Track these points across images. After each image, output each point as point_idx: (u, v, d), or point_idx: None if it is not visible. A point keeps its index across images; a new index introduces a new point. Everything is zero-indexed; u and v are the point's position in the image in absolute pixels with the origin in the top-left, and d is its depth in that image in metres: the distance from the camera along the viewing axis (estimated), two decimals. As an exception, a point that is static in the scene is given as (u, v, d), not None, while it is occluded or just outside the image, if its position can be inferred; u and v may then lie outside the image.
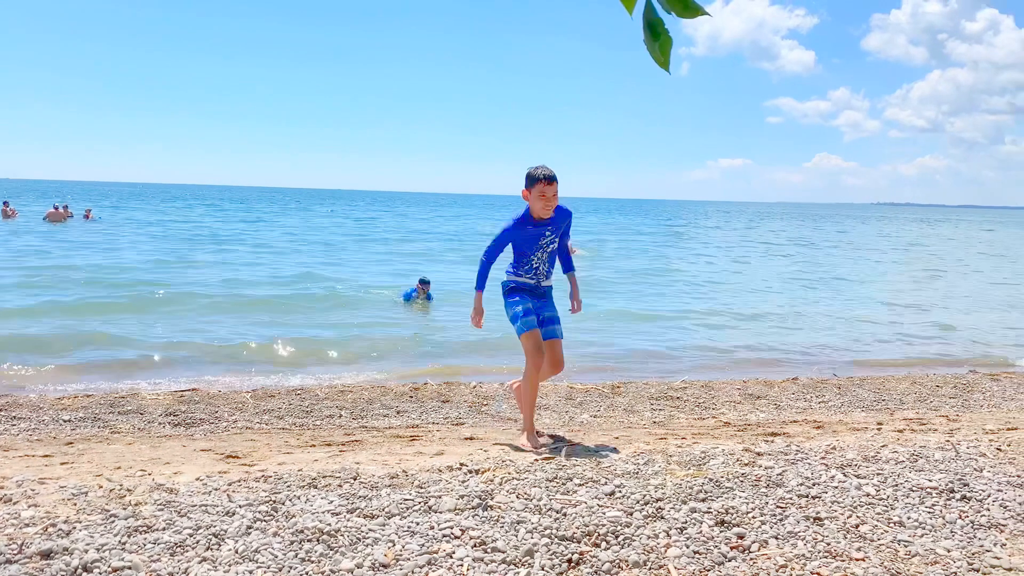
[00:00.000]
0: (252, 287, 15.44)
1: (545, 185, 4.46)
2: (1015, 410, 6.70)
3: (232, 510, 3.11)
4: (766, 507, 3.22)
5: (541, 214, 4.53)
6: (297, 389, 7.18)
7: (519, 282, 4.72)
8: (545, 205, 4.49)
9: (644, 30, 1.68)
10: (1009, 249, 39.84)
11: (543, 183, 4.46)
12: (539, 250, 4.64)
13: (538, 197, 4.48)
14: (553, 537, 2.89)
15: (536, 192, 4.48)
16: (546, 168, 4.50)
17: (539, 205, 4.49)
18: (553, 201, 4.50)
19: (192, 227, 36.14)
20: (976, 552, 2.87)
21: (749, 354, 10.23)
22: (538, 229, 4.59)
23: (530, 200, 4.52)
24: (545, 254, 4.67)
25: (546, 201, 4.48)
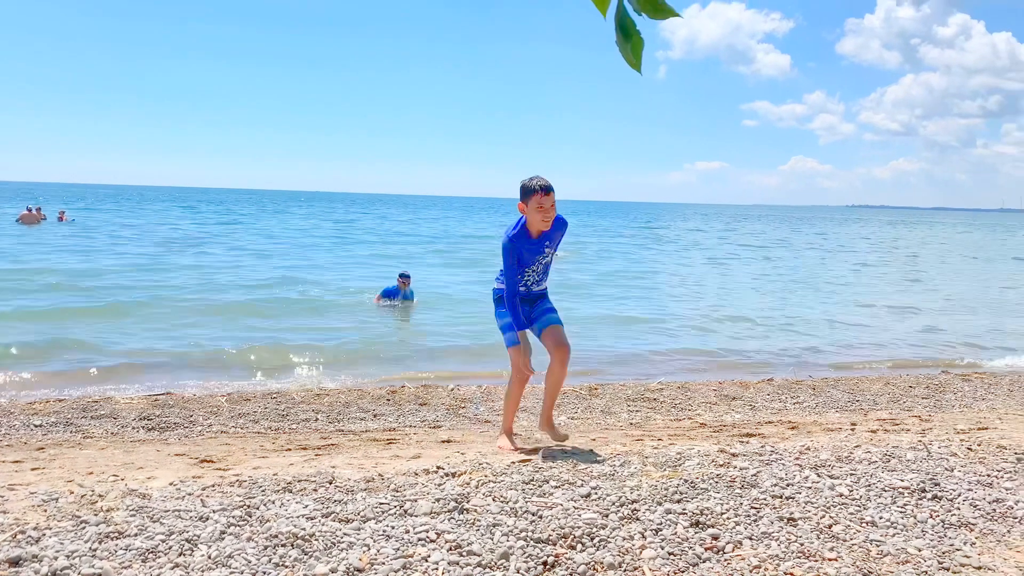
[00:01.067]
0: (229, 291, 15.32)
1: (542, 196, 4.29)
2: (986, 410, 6.79)
3: (206, 515, 3.09)
4: (740, 508, 3.24)
5: (540, 227, 4.36)
6: (273, 393, 7.13)
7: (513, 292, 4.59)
8: (544, 217, 4.32)
9: (616, 31, 1.69)
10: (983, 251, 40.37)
11: (540, 194, 4.29)
12: (535, 264, 4.50)
13: (536, 209, 4.30)
14: (529, 540, 2.89)
15: (533, 204, 4.30)
16: (541, 179, 4.33)
17: (538, 218, 4.32)
18: (551, 213, 4.34)
19: (168, 229, 35.82)
20: (946, 551, 2.90)
21: (726, 355, 10.29)
22: (537, 244, 4.44)
23: (527, 213, 4.35)
24: (540, 266, 4.55)
25: (544, 213, 4.31)
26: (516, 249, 4.40)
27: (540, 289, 4.62)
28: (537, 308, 4.60)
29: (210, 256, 23.03)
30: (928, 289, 20.26)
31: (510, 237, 4.39)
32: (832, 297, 17.83)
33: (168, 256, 22.34)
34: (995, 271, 27.08)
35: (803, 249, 37.82)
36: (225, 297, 14.36)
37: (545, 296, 4.66)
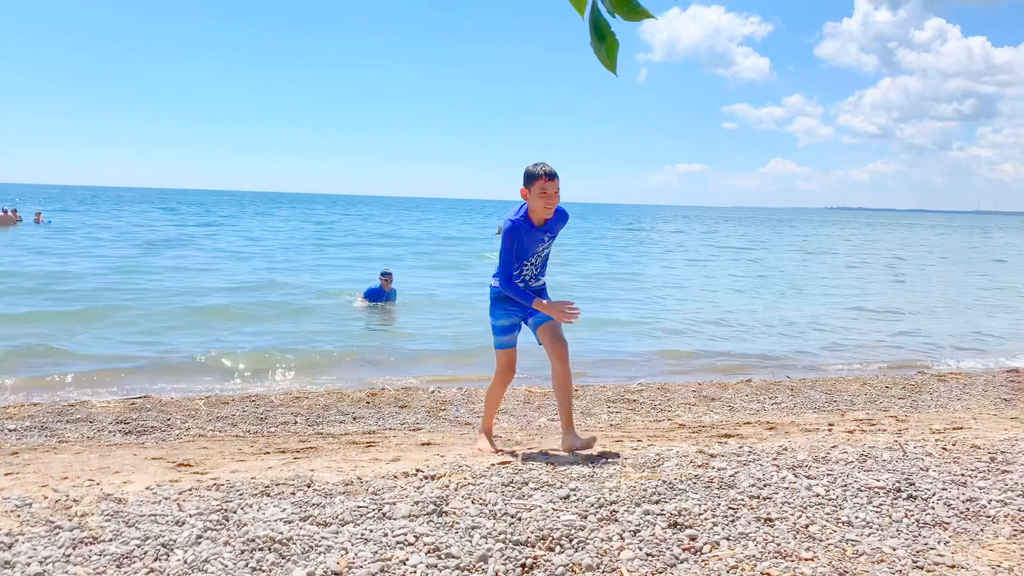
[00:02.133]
0: (208, 294, 15.20)
1: (546, 182, 4.19)
2: (961, 410, 6.87)
3: (182, 519, 3.06)
4: (718, 508, 3.25)
5: (542, 214, 4.27)
6: (252, 396, 7.09)
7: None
8: (547, 204, 4.22)
9: (590, 33, 1.70)
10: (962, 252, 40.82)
11: (544, 179, 4.19)
12: (534, 256, 4.38)
13: (539, 195, 4.21)
14: (507, 542, 2.89)
15: (536, 190, 4.21)
16: (546, 164, 4.24)
17: (540, 204, 4.22)
18: (555, 200, 4.25)
19: (147, 231, 35.52)
20: (921, 550, 2.93)
21: (706, 357, 10.33)
22: (537, 233, 4.32)
23: (529, 200, 4.25)
24: (539, 259, 4.43)
25: (547, 199, 4.21)
26: (517, 235, 4.28)
27: (538, 285, 4.51)
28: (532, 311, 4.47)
29: (189, 258, 22.86)
30: (908, 290, 20.46)
31: (513, 221, 4.27)
32: (812, 298, 17.96)
33: (146, 258, 22.16)
34: (974, 272, 27.38)
35: (783, 251, 38.09)
36: (204, 300, 14.26)
37: (543, 293, 4.54)
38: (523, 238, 4.29)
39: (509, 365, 4.61)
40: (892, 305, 16.64)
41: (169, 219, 49.61)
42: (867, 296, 18.55)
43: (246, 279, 17.84)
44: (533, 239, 4.32)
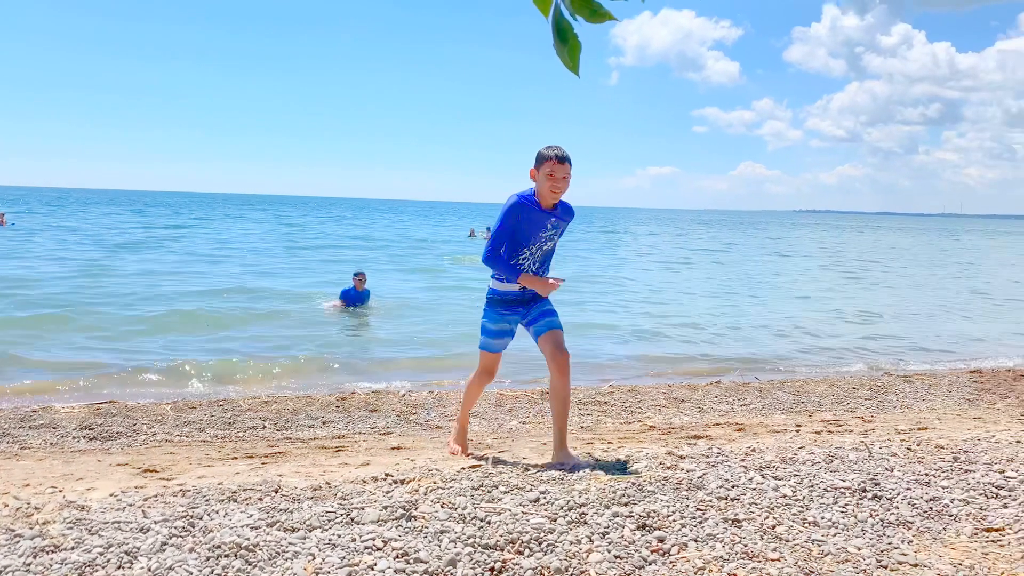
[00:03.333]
0: (176, 298, 15.00)
1: (555, 164, 4.04)
2: (926, 410, 6.97)
3: (147, 526, 3.02)
4: (686, 510, 3.27)
5: (548, 198, 4.10)
6: (220, 400, 7.01)
7: (503, 292, 4.26)
8: (553, 187, 4.06)
9: (553, 34, 1.71)
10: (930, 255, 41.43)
11: (553, 161, 4.04)
12: (536, 243, 4.17)
13: (546, 176, 4.05)
14: (476, 546, 2.89)
15: (544, 171, 4.06)
16: (559, 148, 4.08)
17: (547, 187, 4.06)
18: (562, 185, 4.08)
19: (114, 234, 35.01)
20: (885, 549, 2.97)
21: (677, 359, 10.39)
22: (542, 217, 4.13)
23: (537, 181, 4.11)
24: (540, 252, 4.22)
25: (554, 183, 4.05)
26: (520, 212, 4.10)
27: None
28: (536, 308, 4.28)
29: (157, 261, 22.56)
30: (877, 292, 20.71)
31: (520, 195, 4.13)
32: (783, 301, 18.14)
33: (113, 262, 21.82)
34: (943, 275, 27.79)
35: (755, 253, 38.44)
36: (173, 304, 14.07)
37: (543, 299, 4.34)
38: (525, 217, 4.11)
39: (488, 368, 4.52)
40: (862, 307, 16.83)
41: (137, 221, 48.96)
42: (837, 298, 18.77)
43: (216, 283, 17.64)
44: (536, 222, 4.13)
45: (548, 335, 4.20)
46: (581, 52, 1.75)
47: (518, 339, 4.53)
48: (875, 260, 35.35)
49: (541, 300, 4.29)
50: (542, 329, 4.22)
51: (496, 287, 4.27)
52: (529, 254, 4.19)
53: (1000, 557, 2.93)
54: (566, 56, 1.73)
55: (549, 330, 4.21)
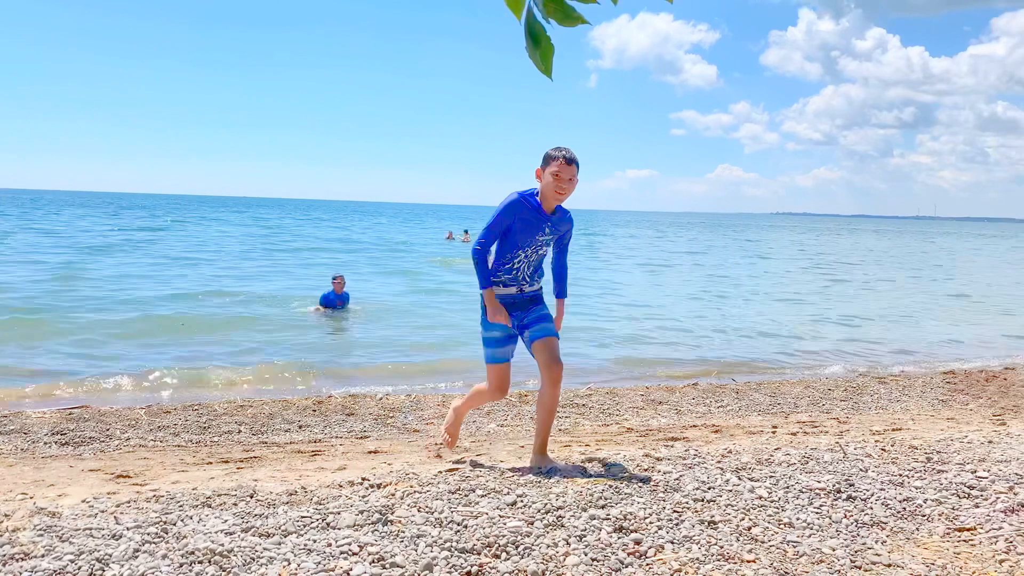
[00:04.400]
0: (153, 302, 14.82)
1: (563, 165, 3.91)
2: (900, 411, 7.04)
3: (119, 533, 2.99)
4: (663, 512, 3.28)
5: (552, 200, 3.97)
6: (194, 405, 6.93)
7: (500, 296, 4.11)
8: (558, 187, 3.93)
9: (526, 37, 1.71)
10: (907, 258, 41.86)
11: (561, 162, 3.91)
12: (531, 246, 4.04)
13: (552, 175, 3.92)
14: (453, 550, 2.88)
15: (550, 171, 3.93)
16: (568, 150, 3.96)
17: (551, 187, 3.93)
18: (567, 187, 3.95)
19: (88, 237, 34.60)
20: (859, 550, 2.99)
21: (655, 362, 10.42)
22: (540, 220, 4.01)
23: (542, 181, 3.98)
24: (535, 255, 4.10)
25: (559, 183, 3.92)
26: (517, 211, 3.97)
27: (532, 290, 4.17)
28: (531, 313, 4.13)
29: (132, 265, 22.32)
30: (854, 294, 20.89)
31: (520, 193, 4.01)
32: (761, 303, 18.26)
33: (87, 265, 21.56)
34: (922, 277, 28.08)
35: (734, 256, 38.67)
36: (148, 308, 13.91)
37: (540, 300, 4.21)
38: (521, 217, 3.98)
39: (501, 384, 4.25)
40: (841, 309, 16.99)
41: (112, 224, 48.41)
42: (816, 300, 18.92)
43: (192, 286, 17.47)
44: (533, 224, 4.00)
45: (543, 343, 4.07)
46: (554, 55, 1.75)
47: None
48: (853, 263, 35.69)
49: (538, 304, 4.17)
50: (537, 335, 4.08)
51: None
52: (524, 256, 4.07)
53: (971, 556, 2.96)
54: (538, 59, 1.73)
55: (545, 337, 4.07)
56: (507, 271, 4.07)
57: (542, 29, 1.71)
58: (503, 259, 4.05)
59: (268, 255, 28.22)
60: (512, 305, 4.11)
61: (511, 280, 4.09)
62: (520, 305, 4.13)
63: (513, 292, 4.11)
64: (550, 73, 1.77)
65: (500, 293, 4.10)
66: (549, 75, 1.77)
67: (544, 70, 1.76)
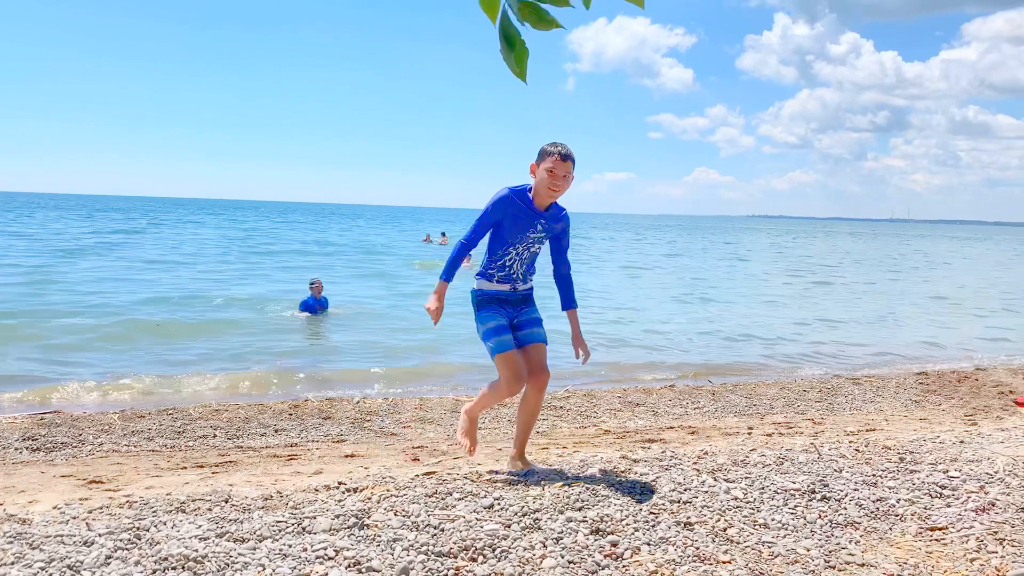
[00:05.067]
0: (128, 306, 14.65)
1: (558, 161, 3.81)
2: (874, 412, 7.12)
3: (91, 539, 2.95)
4: (639, 514, 3.29)
5: (545, 197, 3.87)
6: (169, 409, 6.87)
7: (491, 291, 4.00)
8: (552, 183, 3.82)
9: (500, 40, 1.71)
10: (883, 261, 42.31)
11: (556, 158, 3.81)
12: (523, 242, 3.93)
13: (546, 171, 3.82)
14: (429, 554, 2.87)
15: (545, 167, 3.82)
16: (564, 146, 3.85)
17: (545, 184, 3.82)
18: (562, 184, 3.85)
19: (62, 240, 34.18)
20: (833, 550, 3.02)
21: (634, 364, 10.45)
22: (531, 217, 3.90)
23: (536, 177, 3.88)
24: (528, 252, 3.98)
25: (554, 180, 3.82)
26: (507, 208, 3.87)
27: (525, 289, 4.07)
28: (523, 315, 4.04)
29: (107, 268, 22.06)
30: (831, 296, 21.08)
31: (511, 189, 3.90)
32: (739, 305, 18.38)
33: (61, 268, 21.29)
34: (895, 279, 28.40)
35: (712, 258, 38.90)
36: (123, 312, 13.76)
37: (531, 302, 4.12)
38: (511, 214, 3.88)
39: (516, 371, 3.90)
40: (818, 311, 17.14)
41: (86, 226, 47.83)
42: (794, 302, 19.07)
43: (167, 290, 17.31)
44: (524, 221, 3.89)
45: (533, 348, 3.99)
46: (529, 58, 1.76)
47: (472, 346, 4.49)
48: (830, 265, 36.02)
49: (530, 305, 4.09)
50: (527, 340, 3.99)
51: (483, 287, 4.02)
52: (516, 254, 3.95)
53: (943, 555, 3.00)
54: (513, 62, 1.73)
55: (534, 342, 4.00)
56: (499, 268, 3.97)
57: (517, 33, 1.72)
58: (494, 256, 3.95)
59: (245, 258, 28.02)
60: (504, 302, 4.02)
61: (504, 277, 3.98)
62: (513, 303, 4.04)
63: (507, 289, 4.00)
64: (524, 76, 1.77)
65: (493, 289, 4.00)
66: (523, 78, 1.78)
67: (519, 73, 1.77)
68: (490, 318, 3.94)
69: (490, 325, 3.93)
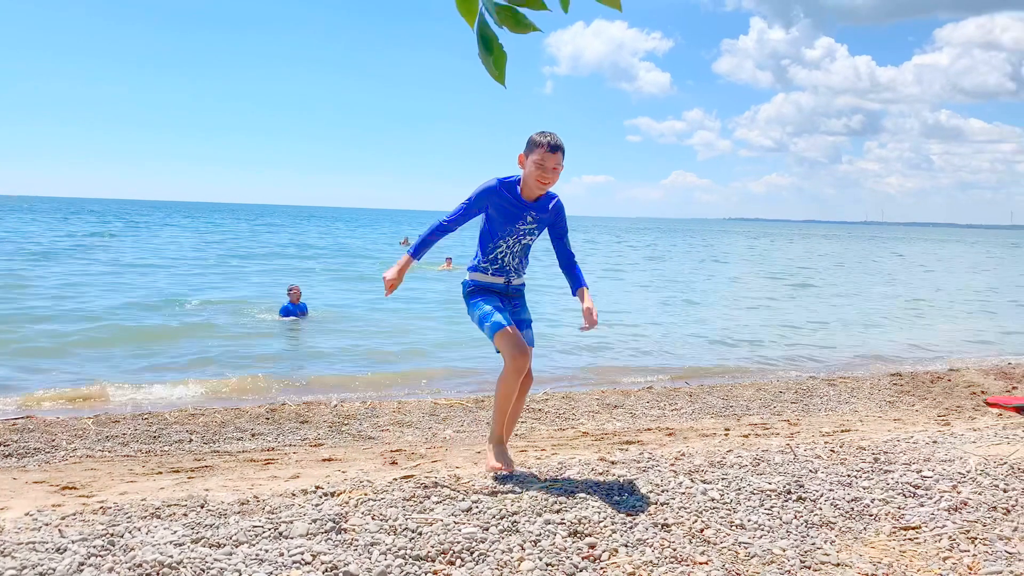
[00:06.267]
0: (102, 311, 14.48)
1: (546, 153, 3.71)
2: (848, 413, 7.18)
3: (63, 546, 2.91)
4: (617, 516, 3.30)
5: (533, 187, 3.78)
6: (144, 414, 6.80)
7: (484, 283, 3.93)
8: (541, 176, 3.74)
9: (479, 44, 1.72)
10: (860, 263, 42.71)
11: (544, 150, 3.71)
12: (513, 235, 3.84)
13: (535, 164, 3.73)
14: (407, 557, 2.86)
15: (534, 159, 3.73)
16: (554, 136, 3.75)
17: (534, 177, 3.74)
18: (551, 176, 3.76)
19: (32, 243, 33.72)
20: (808, 550, 3.05)
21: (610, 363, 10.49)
22: (520, 208, 3.82)
23: (525, 167, 3.79)
24: (519, 245, 3.89)
25: (543, 173, 3.73)
26: (492, 198, 3.79)
27: (519, 283, 4.01)
28: (514, 315, 3.94)
29: (82, 273, 21.78)
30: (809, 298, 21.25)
31: (500, 180, 3.82)
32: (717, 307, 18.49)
33: (31, 272, 20.98)
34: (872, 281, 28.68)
35: (690, 261, 39.10)
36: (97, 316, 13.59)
37: (523, 301, 4.05)
38: (499, 206, 3.80)
39: (517, 345, 3.75)
40: (795, 313, 17.28)
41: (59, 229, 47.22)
42: (772, 305, 19.21)
43: (143, 294, 17.13)
44: (512, 212, 3.81)
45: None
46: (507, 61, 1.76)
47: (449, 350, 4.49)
48: (807, 267, 36.32)
49: (521, 304, 4.03)
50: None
51: (477, 278, 3.94)
52: (507, 247, 3.87)
53: (916, 555, 3.03)
54: (491, 66, 1.74)
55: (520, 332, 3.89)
56: (492, 262, 3.89)
57: (495, 36, 1.72)
58: (486, 250, 3.88)
59: (223, 261, 27.80)
60: (500, 293, 3.94)
61: (498, 271, 3.91)
62: (507, 296, 3.97)
63: (501, 282, 3.93)
64: (503, 80, 1.78)
65: (488, 282, 3.92)
66: (502, 82, 1.79)
67: (497, 77, 1.78)
68: (484, 302, 3.85)
69: (485, 309, 3.82)
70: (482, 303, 3.85)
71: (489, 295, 3.90)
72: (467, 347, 10.86)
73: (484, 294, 3.91)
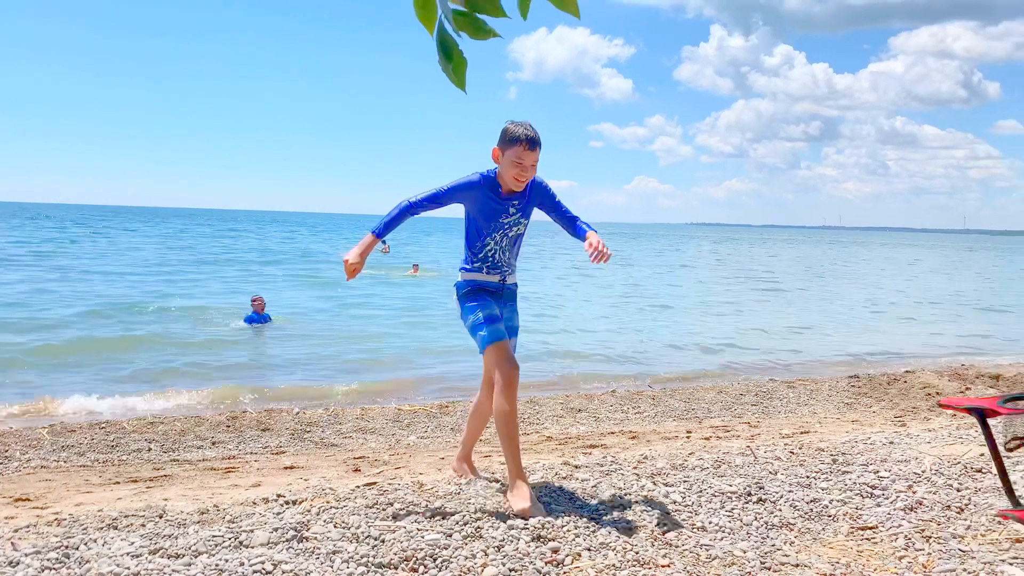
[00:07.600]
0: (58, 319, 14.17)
1: (524, 150, 3.52)
2: (808, 414, 7.29)
3: (16, 560, 2.85)
4: (580, 520, 3.31)
5: (511, 185, 3.62)
6: (101, 423, 6.67)
7: (478, 282, 3.75)
8: (518, 175, 3.57)
9: (438, 51, 1.72)
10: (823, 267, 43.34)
11: (523, 147, 3.52)
12: (498, 230, 3.69)
13: (511, 163, 3.54)
14: (369, 565, 2.84)
15: (511, 155, 3.54)
16: (529, 128, 3.55)
17: (511, 173, 3.57)
18: (530, 173, 3.60)
19: (-13, 248, 32.94)
20: (768, 551, 3.08)
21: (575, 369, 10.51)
22: (501, 202, 3.66)
23: (501, 164, 3.61)
24: (507, 239, 3.74)
25: (521, 171, 3.56)
26: (471, 192, 3.64)
27: (513, 282, 3.87)
28: (504, 321, 3.78)
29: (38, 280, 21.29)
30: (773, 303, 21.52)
31: (482, 175, 3.65)
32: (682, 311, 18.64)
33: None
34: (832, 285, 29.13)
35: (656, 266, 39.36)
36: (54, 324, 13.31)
37: (515, 304, 3.90)
38: (478, 201, 3.65)
39: (507, 359, 3.63)
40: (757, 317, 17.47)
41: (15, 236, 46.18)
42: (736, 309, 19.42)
43: (103, 302, 16.79)
44: (494, 209, 3.66)
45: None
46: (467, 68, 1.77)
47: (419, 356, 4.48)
48: (770, 271, 36.79)
49: (513, 308, 3.88)
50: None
51: (471, 279, 3.76)
52: (495, 243, 3.72)
53: (873, 554, 3.09)
54: (451, 72, 1.74)
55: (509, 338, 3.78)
56: (483, 260, 3.73)
57: (454, 43, 1.72)
58: (474, 248, 3.73)
59: (183, 268, 27.38)
60: (492, 294, 3.79)
61: (492, 268, 3.76)
62: (499, 296, 3.81)
63: (496, 280, 3.78)
64: (463, 86, 1.78)
65: (483, 280, 3.76)
66: (463, 88, 1.79)
67: (457, 83, 1.78)
68: (477, 308, 3.68)
69: (479, 316, 3.66)
70: (478, 309, 3.68)
71: (484, 299, 3.73)
72: (431, 354, 10.83)
73: (479, 297, 3.73)
